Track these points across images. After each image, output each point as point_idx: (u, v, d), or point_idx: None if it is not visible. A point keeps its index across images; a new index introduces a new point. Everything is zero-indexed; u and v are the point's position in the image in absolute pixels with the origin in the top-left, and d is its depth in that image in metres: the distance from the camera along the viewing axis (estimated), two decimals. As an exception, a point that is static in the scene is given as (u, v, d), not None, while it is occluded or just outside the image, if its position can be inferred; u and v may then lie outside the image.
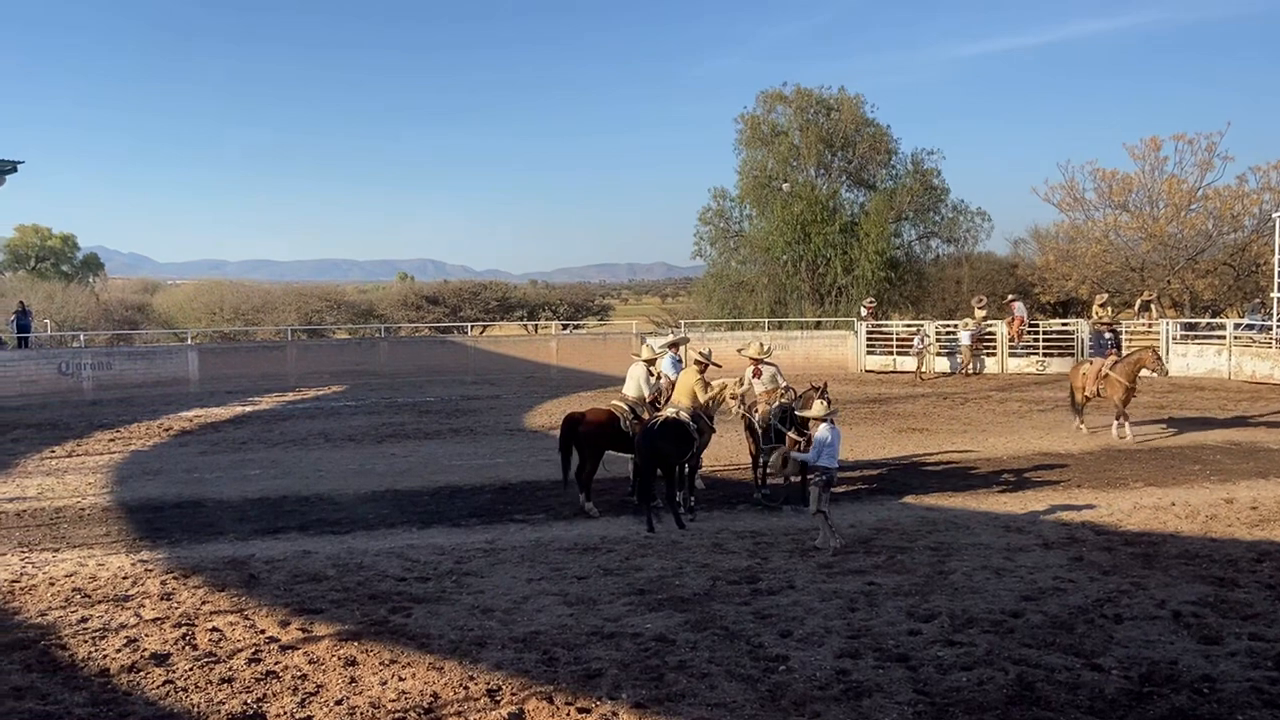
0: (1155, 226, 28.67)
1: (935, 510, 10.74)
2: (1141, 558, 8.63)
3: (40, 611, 7.54)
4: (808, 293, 32.62)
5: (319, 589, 8.10)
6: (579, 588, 8.06)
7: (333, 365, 27.67)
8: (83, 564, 8.95)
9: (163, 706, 5.77)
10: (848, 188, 33.79)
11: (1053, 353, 26.20)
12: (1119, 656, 6.29)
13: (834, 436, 9.43)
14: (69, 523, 10.79)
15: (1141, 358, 15.85)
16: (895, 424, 17.78)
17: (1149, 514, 10.37)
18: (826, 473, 9.33)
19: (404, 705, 5.75)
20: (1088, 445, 14.87)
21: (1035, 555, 8.81)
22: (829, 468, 9.36)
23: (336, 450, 15.76)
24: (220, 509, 11.40)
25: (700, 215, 34.71)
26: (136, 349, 27.83)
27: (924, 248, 34.36)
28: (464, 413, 20.58)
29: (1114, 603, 7.40)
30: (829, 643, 6.68)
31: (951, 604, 7.44)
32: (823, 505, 9.23)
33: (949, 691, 5.81)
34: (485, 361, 28.72)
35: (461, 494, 12.06)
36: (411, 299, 43.10)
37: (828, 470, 9.35)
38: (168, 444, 16.87)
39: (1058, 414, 18.83)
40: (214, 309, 43.31)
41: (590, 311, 47.74)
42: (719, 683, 6.03)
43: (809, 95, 32.55)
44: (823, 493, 9.25)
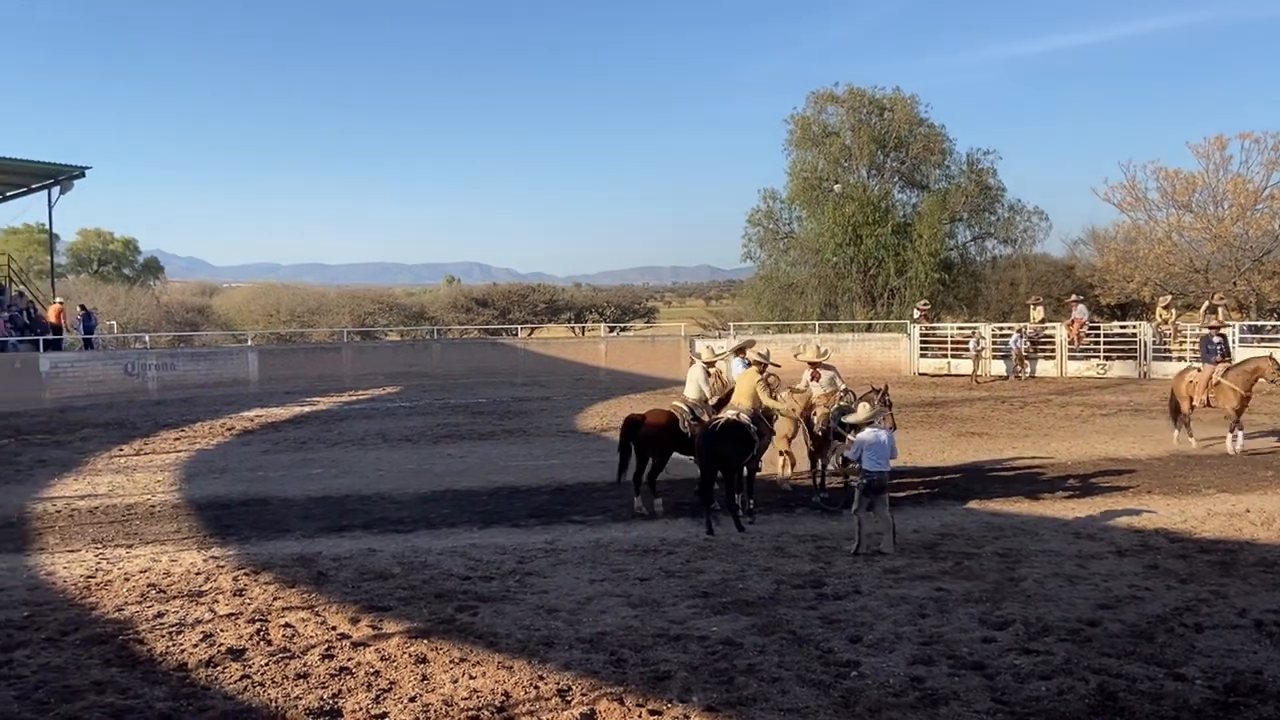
0: (1220, 227, 28.03)
1: (1001, 516, 10.56)
2: (1219, 565, 8.41)
3: (117, 607, 7.69)
4: (859, 295, 32.36)
5: (386, 586, 8.17)
6: (642, 589, 8.04)
7: (386, 367, 28.02)
8: (156, 560, 9.12)
9: (241, 701, 5.85)
10: (900, 188, 33.52)
11: (1113, 356, 25.73)
12: (1202, 666, 6.13)
13: (879, 439, 9.28)
14: (140, 519, 11.02)
15: (1260, 366, 14.51)
16: (953, 428, 17.55)
17: (1223, 521, 10.11)
18: (868, 475, 9.18)
19: (476, 704, 5.76)
20: (1155, 451, 14.56)
21: (1108, 562, 8.62)
22: (870, 470, 9.19)
23: (394, 450, 15.93)
24: (285, 507, 11.57)
25: (749, 217, 34.65)
26: (199, 350, 28.40)
27: (979, 249, 33.97)
28: (516, 414, 20.72)
29: (1193, 611, 7.21)
30: (900, 649, 6.59)
31: (1025, 611, 7.30)
32: (861, 508, 9.11)
33: (1028, 701, 5.69)
34: (535, 363, 28.91)
35: (519, 494, 12.12)
36: (461, 301, 43.57)
37: (869, 473, 9.20)
38: (231, 443, 17.18)
39: (1121, 418, 18.48)
40: (270, 311, 44.16)
41: (637, 314, 47.86)
42: (790, 688, 5.97)
43: (861, 95, 32.31)
44: (863, 496, 9.13)
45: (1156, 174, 29.71)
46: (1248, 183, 27.79)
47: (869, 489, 9.16)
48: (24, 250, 40.88)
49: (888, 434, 9.55)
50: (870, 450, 9.24)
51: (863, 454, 9.26)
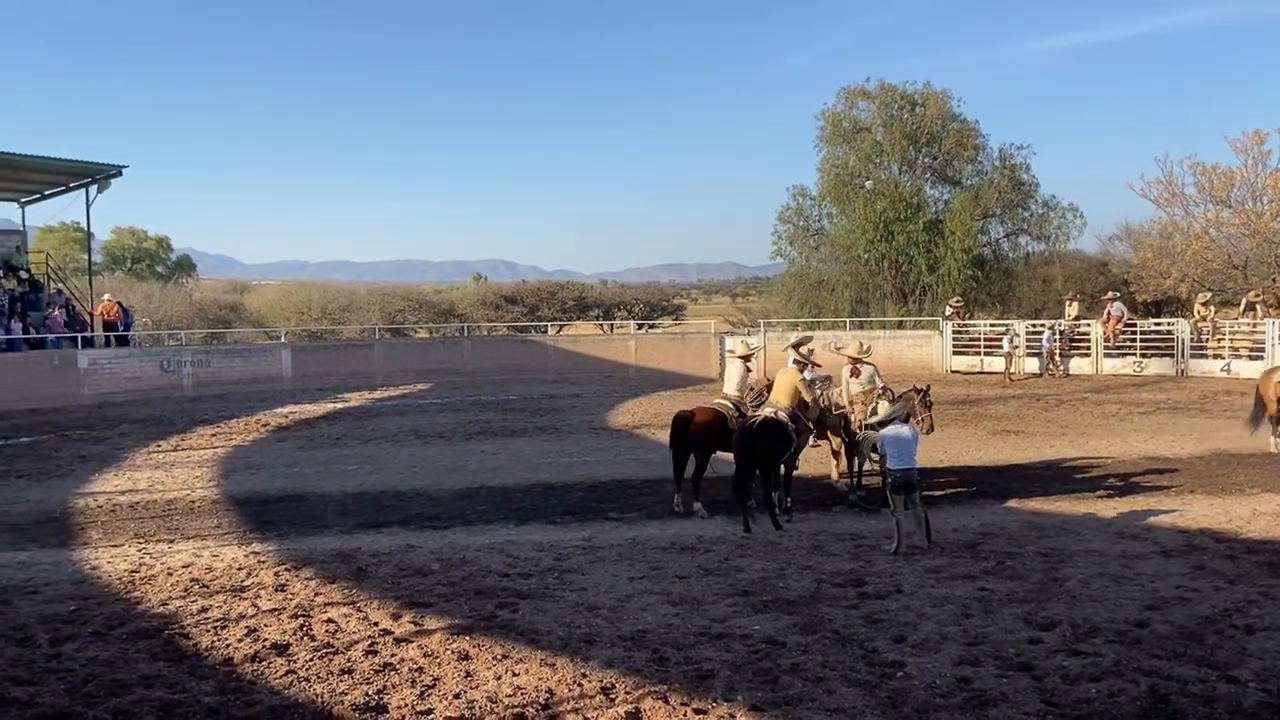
0: (1259, 223, 27.58)
1: (1041, 515, 10.45)
2: (1268, 566, 8.26)
3: (161, 601, 7.76)
4: (890, 292, 32.14)
5: (425, 583, 8.20)
6: (681, 587, 8.01)
7: (418, 364, 28.15)
8: (198, 555, 9.20)
9: (288, 696, 5.88)
10: (932, 184, 33.25)
11: (1150, 353, 25.39)
12: (1255, 669, 6.02)
13: (901, 436, 9.30)
14: (180, 515, 11.13)
15: None
16: (988, 426, 17.39)
17: (1270, 520, 9.94)
18: (892, 474, 9.24)
19: (521, 701, 5.76)
20: (1196, 449, 14.35)
21: (1154, 563, 8.50)
22: (894, 469, 9.22)
23: (428, 447, 15.99)
24: (323, 503, 11.65)
25: (779, 214, 34.51)
26: (234, 347, 28.68)
27: (1012, 245, 33.62)
28: (547, 411, 20.74)
29: (1243, 613, 7.09)
30: (946, 649, 6.52)
31: (1071, 612, 7.20)
32: (898, 508, 9.16)
33: (1078, 703, 5.61)
34: (565, 360, 28.93)
35: (554, 491, 12.12)
36: (490, 298, 43.71)
37: (893, 471, 9.24)
38: (266, 439, 17.32)
39: (1160, 416, 18.25)
40: (302, 308, 44.51)
41: (665, 311, 47.80)
42: (835, 687, 5.92)
43: (893, 91, 32.08)
44: (894, 495, 9.19)
45: (1194, 169, 29.30)
46: (1287, 178, 27.35)
47: (895, 487, 9.20)
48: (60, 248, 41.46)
49: (911, 430, 9.53)
50: (892, 447, 9.27)
51: (886, 452, 9.30)
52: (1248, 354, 23.89)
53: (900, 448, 9.24)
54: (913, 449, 9.36)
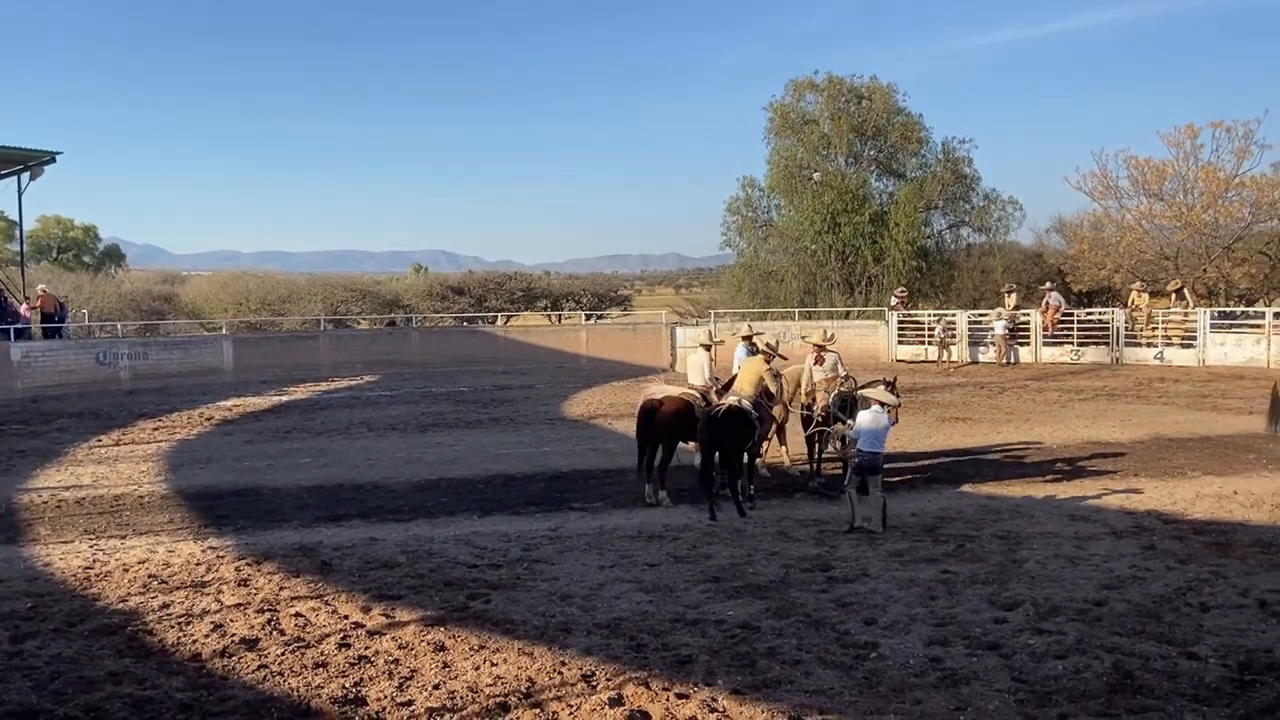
0: (1191, 215, 28.43)
1: (996, 499, 10.69)
2: (1215, 546, 8.56)
3: (120, 598, 7.58)
4: (838, 282, 32.51)
5: (393, 575, 8.12)
6: (652, 575, 8.05)
7: (365, 355, 27.78)
8: (153, 551, 9.00)
9: (262, 690, 5.79)
10: (877, 177, 33.67)
11: (1087, 342, 26.05)
12: (1213, 645, 6.24)
13: (879, 423, 9.58)
14: (130, 510, 10.86)
15: None
16: (936, 413, 17.70)
17: (1213, 503, 10.29)
18: (862, 455, 9.48)
19: (502, 690, 5.75)
20: (1136, 434, 14.77)
21: (1106, 544, 8.75)
22: (865, 450, 9.49)
23: (381, 439, 15.81)
24: (278, 497, 11.46)
25: (729, 205, 34.69)
26: (173, 339, 28.03)
27: (954, 237, 34.23)
28: (500, 402, 20.63)
29: (1196, 591, 7.34)
30: (916, 630, 6.65)
31: (1032, 592, 7.39)
32: (852, 485, 9.49)
33: (1047, 680, 5.77)
34: (515, 351, 28.77)
35: (515, 482, 12.07)
36: (437, 289, 43.22)
37: (863, 453, 9.49)
38: (212, 433, 16.97)
39: (1099, 403, 18.75)
40: (240, 299, 43.52)
41: (614, 302, 47.80)
42: (813, 670, 6.01)
43: (840, 84, 32.41)
44: (854, 474, 9.50)
45: (1127, 163, 30.09)
46: (1218, 171, 28.20)
47: (860, 468, 9.44)
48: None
49: (888, 418, 9.75)
50: (869, 431, 9.52)
51: (861, 434, 9.51)
52: (1180, 342, 24.65)
53: (876, 433, 9.51)
54: (884, 436, 9.67)
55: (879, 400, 9.84)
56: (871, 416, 9.64)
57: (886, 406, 9.82)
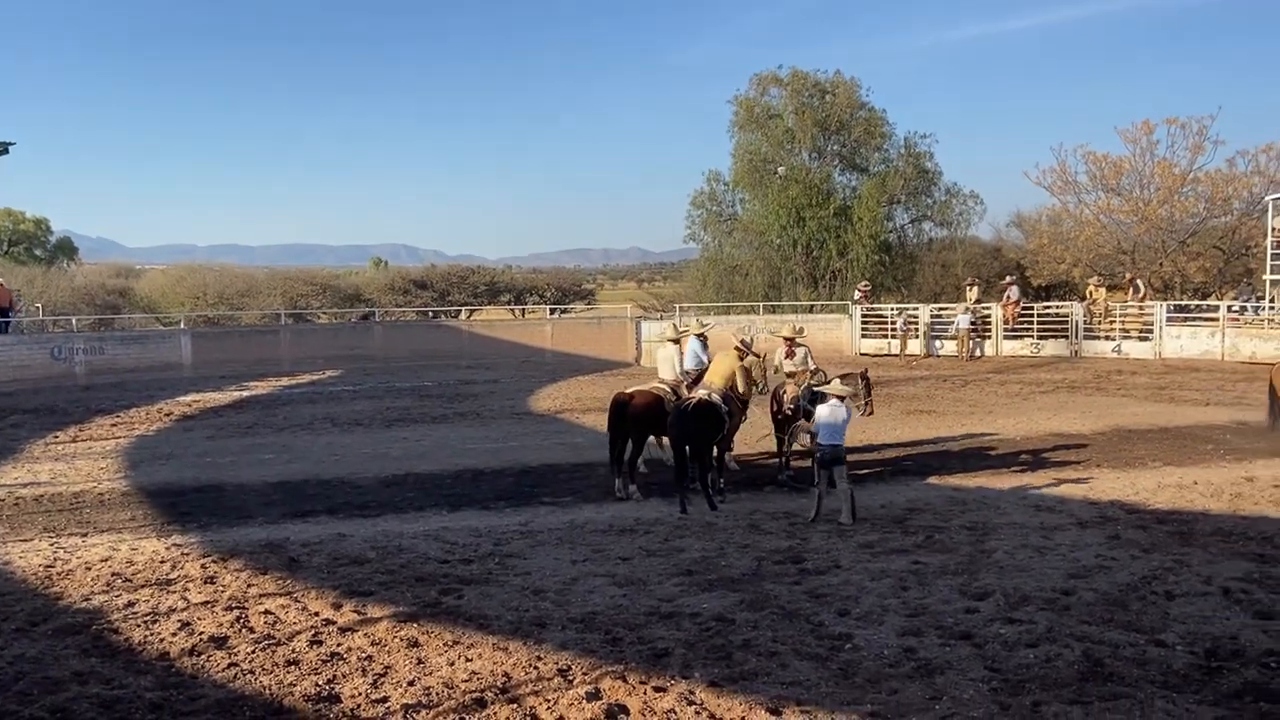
0: (1147, 209, 28.93)
1: (963, 490, 10.80)
2: (1178, 535, 8.71)
3: (84, 596, 7.43)
4: (802, 276, 32.69)
5: (363, 571, 8.03)
6: (625, 569, 8.04)
7: (326, 350, 27.47)
8: (115, 549, 8.82)
9: (233, 689, 5.70)
10: (841, 171, 33.87)
11: (1046, 335, 26.43)
12: (1180, 632, 6.34)
13: (836, 415, 9.69)
14: (90, 508, 10.65)
15: None
16: (901, 406, 17.85)
17: (1174, 492, 10.47)
18: (821, 448, 9.62)
19: (478, 685, 5.71)
20: (1097, 426, 15.00)
21: (1072, 534, 8.88)
22: (823, 444, 9.61)
23: (346, 435, 15.64)
24: (242, 493, 11.29)
25: (693, 199, 34.72)
26: (130, 333, 27.53)
27: (916, 231, 34.54)
28: (465, 397, 20.49)
29: (1161, 580, 7.46)
30: (889, 621, 6.70)
31: (1002, 582, 7.47)
32: (822, 481, 9.57)
33: (1020, 668, 5.84)
34: (479, 346, 28.61)
35: (484, 477, 12.00)
36: (399, 283, 42.85)
37: (822, 446, 9.63)
38: (171, 429, 16.69)
39: (1060, 395, 19.01)
40: (197, 294, 42.87)
41: (578, 296, 47.70)
42: (789, 661, 6.03)
43: (804, 78, 32.54)
44: (820, 469, 9.60)
45: (1086, 158, 30.56)
46: (1173, 167, 28.74)
47: (823, 461, 9.55)
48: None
49: (846, 411, 9.85)
50: (827, 424, 9.64)
51: (820, 427, 9.66)
52: (1138, 335, 25.09)
53: (834, 425, 9.58)
54: (844, 428, 9.72)
55: (836, 394, 9.90)
56: (829, 410, 9.74)
57: (845, 399, 9.89)
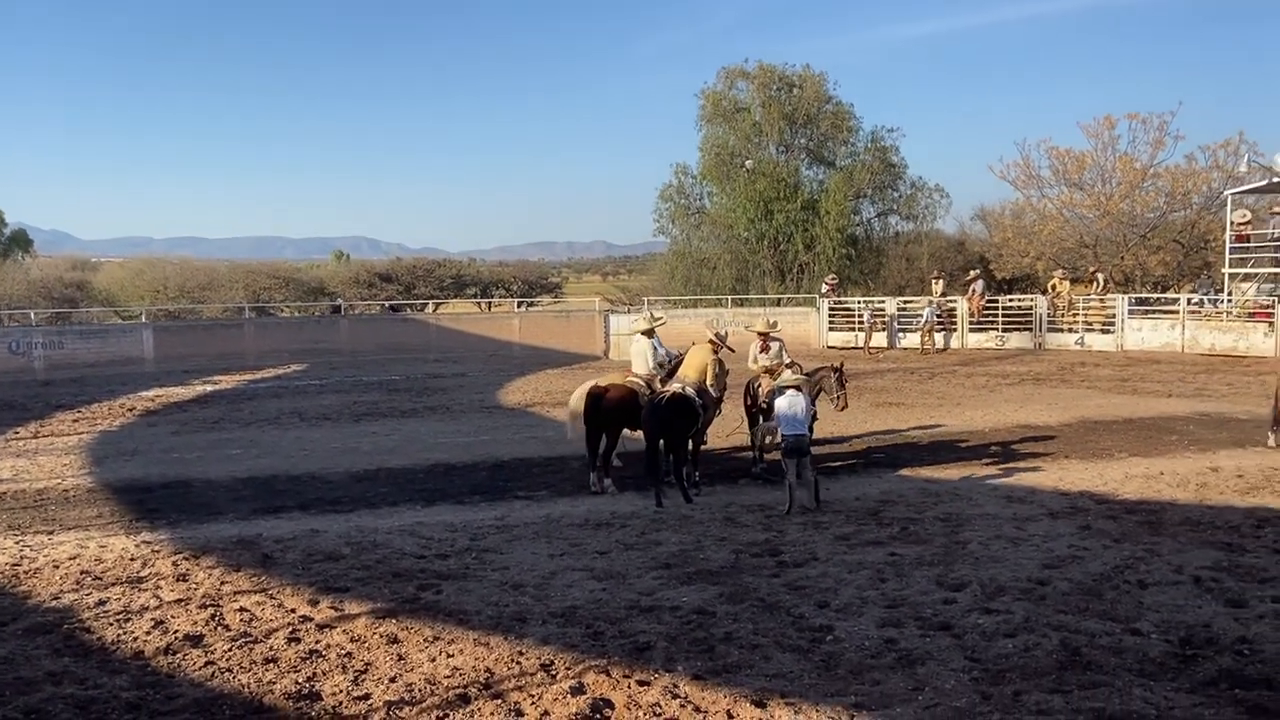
0: (1109, 204, 29.34)
1: (935, 483, 10.88)
2: (1147, 525, 8.84)
3: (53, 595, 7.29)
4: (770, 269, 32.78)
5: (339, 567, 7.95)
6: (603, 563, 8.02)
7: (291, 344, 27.18)
8: (83, 546, 8.66)
9: (211, 687, 5.62)
10: (808, 165, 33.98)
11: (1011, 328, 26.73)
12: (1154, 621, 6.44)
13: (795, 405, 9.89)
14: (55, 505, 10.45)
15: None
16: (870, 399, 17.96)
17: (1142, 483, 10.63)
18: (785, 438, 9.80)
19: (461, 681, 5.67)
20: (1063, 417, 15.17)
21: (1044, 524, 8.98)
22: (787, 434, 9.81)
23: (314, 429, 15.47)
24: (211, 489, 11.13)
25: (661, 192, 34.70)
26: (90, 327, 27.08)
27: (882, 224, 34.77)
28: (434, 391, 20.36)
29: (1134, 569, 7.57)
30: (868, 612, 6.74)
31: (978, 573, 7.55)
32: (790, 473, 9.67)
33: (999, 658, 5.90)
34: (447, 339, 28.43)
35: (456, 471, 11.92)
36: (364, 276, 42.41)
37: (785, 436, 9.81)
38: (135, 424, 16.43)
39: (1025, 387, 19.24)
40: (157, 287, 42.15)
41: (544, 289, 47.51)
42: (771, 653, 6.05)
43: (771, 72, 32.60)
44: (786, 459, 9.74)
45: (1049, 153, 30.92)
46: (1134, 161, 29.17)
47: (788, 451, 9.70)
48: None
49: (805, 400, 10.08)
50: (786, 414, 9.85)
51: (781, 419, 9.87)
52: (1100, 327, 25.45)
53: (793, 416, 9.80)
54: (805, 418, 9.93)
55: (789, 384, 10.05)
56: (787, 401, 9.93)
57: (800, 388, 10.03)
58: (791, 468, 9.64)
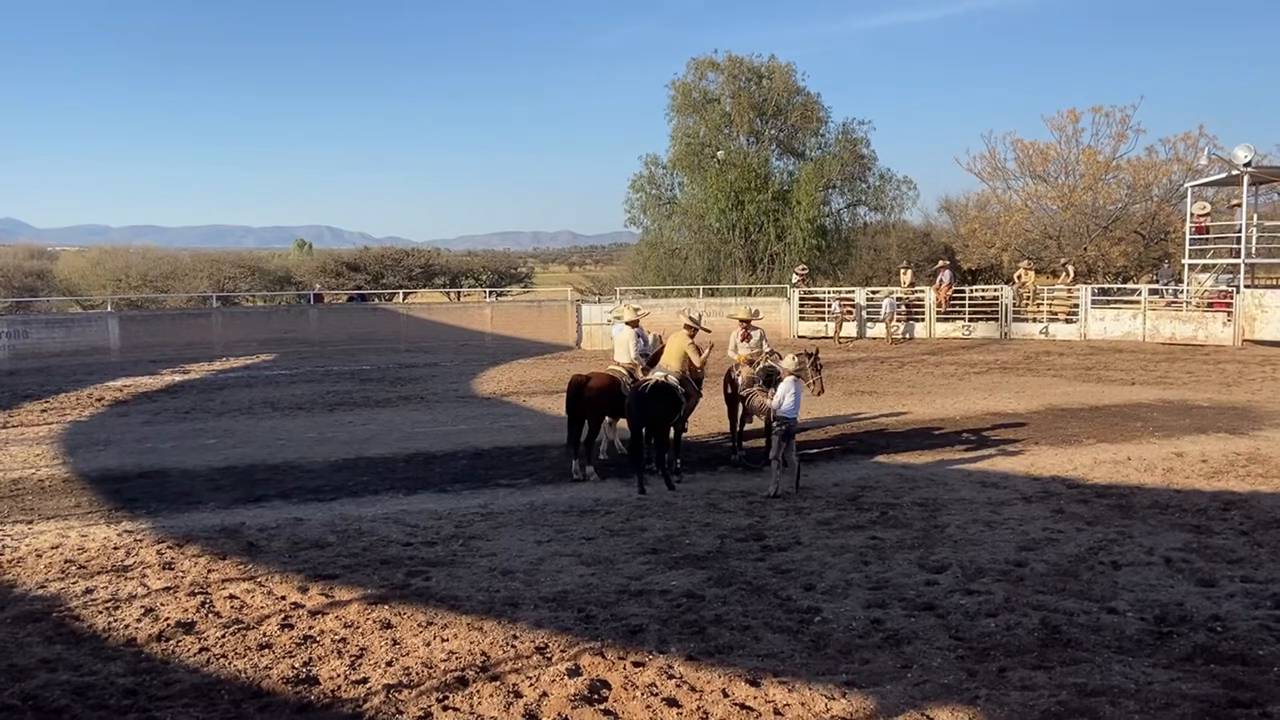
0: (1073, 196, 29.82)
1: (910, 469, 11.08)
2: (1118, 509, 9.08)
3: (39, 584, 7.25)
4: (741, 259, 32.96)
5: (325, 555, 7.97)
6: (590, 548, 8.11)
7: (260, 333, 26.94)
8: (64, 535, 8.60)
9: (208, 673, 5.64)
10: (778, 156, 34.18)
11: (978, 318, 27.13)
12: (1129, 600, 6.64)
13: (795, 390, 10.13)
14: (31, 494, 10.34)
15: None
16: (842, 387, 18.16)
17: (1110, 468, 10.89)
18: (784, 421, 9.98)
19: (457, 665, 5.74)
20: (1031, 405, 15.48)
21: (1018, 509, 9.19)
22: (786, 417, 10.00)
23: (289, 419, 15.39)
24: (188, 478, 11.07)
25: (632, 183, 34.75)
26: (55, 317, 26.64)
27: (851, 215, 35.05)
28: (407, 381, 20.31)
29: (1107, 550, 7.79)
30: (854, 594, 6.89)
31: (957, 555, 7.73)
32: (779, 452, 9.91)
33: (982, 636, 6.07)
34: (418, 329, 28.32)
35: (436, 460, 11.93)
36: (331, 265, 42.08)
37: (784, 420, 10.00)
38: (105, 414, 16.24)
39: (993, 376, 19.55)
40: (119, 276, 41.53)
41: (514, 279, 47.41)
42: (761, 634, 6.17)
43: (740, 63, 32.75)
44: (781, 441, 9.92)
45: (1014, 145, 31.37)
46: (1097, 154, 29.67)
47: (786, 434, 9.91)
48: None
49: (799, 386, 10.29)
50: (791, 398, 10.04)
51: (783, 401, 10.02)
52: (1064, 318, 25.91)
53: (795, 399, 10.03)
54: (798, 403, 10.19)
55: (788, 371, 10.26)
56: (789, 384, 10.13)
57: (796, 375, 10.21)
58: (780, 449, 9.87)
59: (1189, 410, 14.69)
